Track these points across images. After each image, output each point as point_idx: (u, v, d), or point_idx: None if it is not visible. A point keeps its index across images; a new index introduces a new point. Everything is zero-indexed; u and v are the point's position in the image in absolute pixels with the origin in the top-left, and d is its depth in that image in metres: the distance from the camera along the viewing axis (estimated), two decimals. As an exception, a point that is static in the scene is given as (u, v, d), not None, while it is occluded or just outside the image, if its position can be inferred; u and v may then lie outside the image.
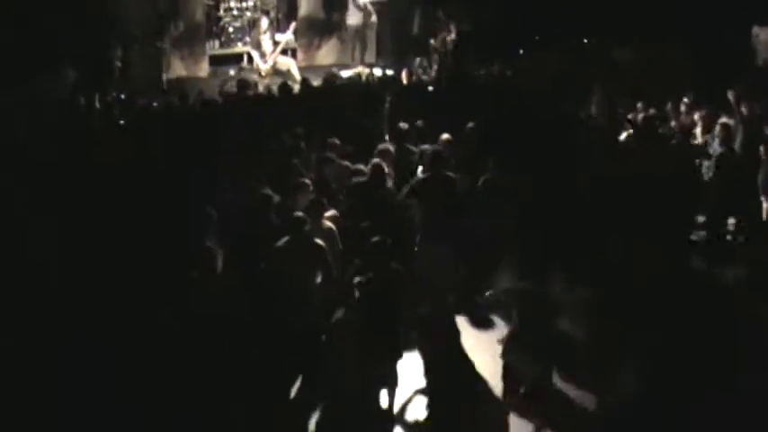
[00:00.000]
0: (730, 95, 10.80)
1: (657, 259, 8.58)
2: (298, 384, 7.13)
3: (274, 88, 12.99)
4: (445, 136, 9.57)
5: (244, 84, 12.85)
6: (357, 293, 6.65)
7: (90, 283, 7.53)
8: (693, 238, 10.15)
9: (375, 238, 6.56)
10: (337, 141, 9.63)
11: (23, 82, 12.57)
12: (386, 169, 8.49)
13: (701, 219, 10.45)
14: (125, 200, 8.44)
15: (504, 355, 6.61)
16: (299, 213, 7.32)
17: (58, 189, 8.75)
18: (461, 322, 8.23)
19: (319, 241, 7.24)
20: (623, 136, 11.08)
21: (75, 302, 7.36)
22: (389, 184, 8.65)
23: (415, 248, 8.44)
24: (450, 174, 8.56)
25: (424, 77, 15.91)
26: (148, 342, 6.84)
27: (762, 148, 9.76)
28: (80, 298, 7.39)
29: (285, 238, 7.18)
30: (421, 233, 8.41)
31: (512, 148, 9.72)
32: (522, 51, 16.94)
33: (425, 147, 9.41)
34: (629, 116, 11.41)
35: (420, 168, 9.24)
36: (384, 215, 7.92)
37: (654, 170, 9.35)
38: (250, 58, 17.12)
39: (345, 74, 15.64)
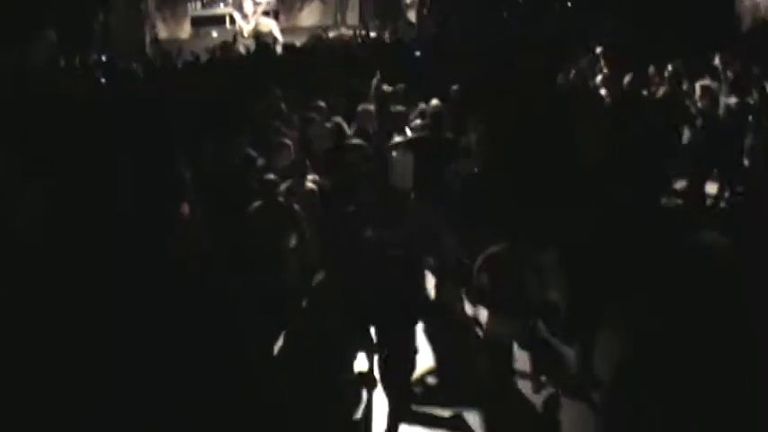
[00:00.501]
0: (717, 60, 10.84)
1: (633, 221, 8.63)
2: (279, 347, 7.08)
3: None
4: (435, 101, 9.54)
5: (227, 45, 12.75)
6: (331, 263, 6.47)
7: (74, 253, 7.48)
8: (670, 202, 10.20)
9: (347, 209, 6.44)
10: (322, 103, 9.57)
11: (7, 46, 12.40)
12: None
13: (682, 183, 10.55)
14: (104, 162, 8.35)
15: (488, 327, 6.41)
16: (271, 176, 7.17)
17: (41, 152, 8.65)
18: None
19: (294, 206, 7.11)
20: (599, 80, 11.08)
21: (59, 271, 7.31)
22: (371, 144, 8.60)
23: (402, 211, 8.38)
24: (449, 135, 8.52)
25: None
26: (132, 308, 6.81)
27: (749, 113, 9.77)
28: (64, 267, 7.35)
29: (257, 202, 7.07)
30: (415, 193, 8.25)
31: (494, 111, 9.68)
32: (506, 15, 16.87)
33: (401, 108, 9.36)
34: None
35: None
36: (356, 177, 7.88)
37: (632, 132, 9.36)
38: (232, 20, 17.00)
39: (332, 34, 15.55)
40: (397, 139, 8.67)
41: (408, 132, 8.90)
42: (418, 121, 9.29)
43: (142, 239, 7.04)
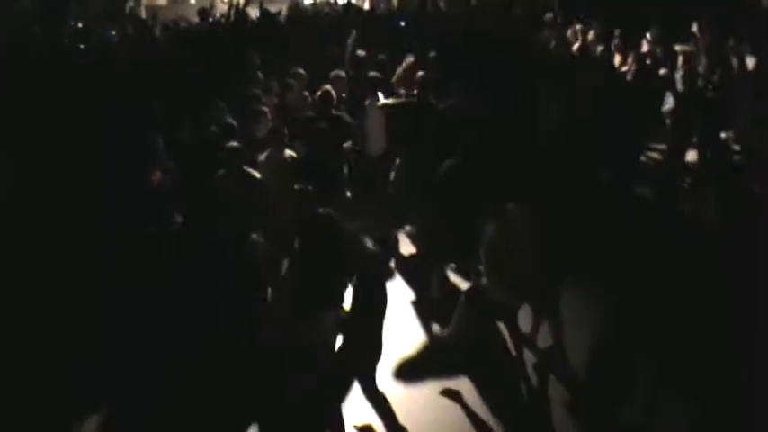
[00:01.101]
0: (695, 27, 10.88)
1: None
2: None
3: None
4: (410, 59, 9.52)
5: (204, 12, 12.58)
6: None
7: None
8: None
9: (297, 186, 6.19)
10: (301, 70, 9.50)
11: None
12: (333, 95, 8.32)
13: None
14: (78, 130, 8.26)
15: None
16: (234, 144, 7.03)
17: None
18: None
19: (255, 173, 6.98)
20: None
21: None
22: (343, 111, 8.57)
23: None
24: (433, 101, 8.57)
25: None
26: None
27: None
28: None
29: (221, 171, 6.93)
30: (405, 156, 8.21)
31: (472, 78, 9.65)
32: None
33: (374, 73, 9.31)
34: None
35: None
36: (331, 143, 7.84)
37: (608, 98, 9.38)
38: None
39: (307, 2, 15.40)
40: (384, 101, 8.70)
41: (381, 98, 8.91)
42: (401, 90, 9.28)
43: (115, 207, 7.00)
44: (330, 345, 6.18)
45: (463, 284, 7.40)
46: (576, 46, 11.57)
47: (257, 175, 6.99)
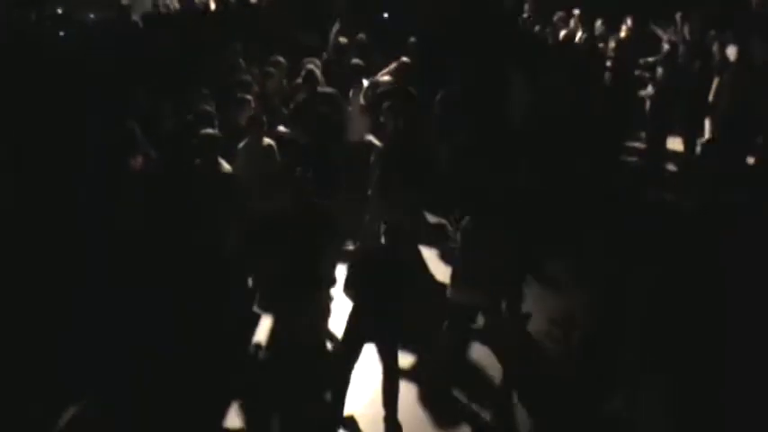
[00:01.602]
0: (677, 17, 10.91)
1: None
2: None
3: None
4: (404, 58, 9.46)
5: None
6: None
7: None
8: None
9: (296, 173, 6.17)
10: (281, 58, 9.44)
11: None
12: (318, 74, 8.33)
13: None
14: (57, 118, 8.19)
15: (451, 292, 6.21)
16: (209, 131, 6.81)
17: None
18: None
19: (227, 166, 6.76)
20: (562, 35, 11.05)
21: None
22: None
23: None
24: (412, 89, 8.60)
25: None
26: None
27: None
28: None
29: (197, 161, 6.76)
30: (390, 144, 8.10)
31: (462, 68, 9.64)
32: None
33: (357, 61, 9.28)
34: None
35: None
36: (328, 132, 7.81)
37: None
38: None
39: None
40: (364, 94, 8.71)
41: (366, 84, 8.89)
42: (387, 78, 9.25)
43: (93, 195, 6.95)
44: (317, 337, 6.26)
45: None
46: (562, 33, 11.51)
47: (227, 166, 6.81)
